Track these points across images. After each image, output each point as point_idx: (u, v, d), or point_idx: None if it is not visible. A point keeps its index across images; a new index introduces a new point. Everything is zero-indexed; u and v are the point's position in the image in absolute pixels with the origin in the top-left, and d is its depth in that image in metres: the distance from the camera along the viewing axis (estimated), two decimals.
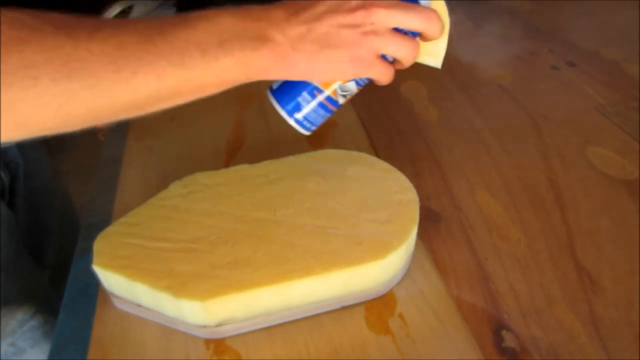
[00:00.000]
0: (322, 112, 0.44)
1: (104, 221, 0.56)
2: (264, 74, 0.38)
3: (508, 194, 0.55)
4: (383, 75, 0.41)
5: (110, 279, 0.45)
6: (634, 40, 0.80)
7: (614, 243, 0.49)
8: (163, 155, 0.66)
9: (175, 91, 0.36)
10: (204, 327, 0.43)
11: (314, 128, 0.45)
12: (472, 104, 0.71)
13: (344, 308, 0.45)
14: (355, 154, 0.55)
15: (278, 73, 0.38)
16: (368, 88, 0.76)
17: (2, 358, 0.66)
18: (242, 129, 0.70)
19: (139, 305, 0.45)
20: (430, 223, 0.53)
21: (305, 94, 0.42)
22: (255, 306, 0.42)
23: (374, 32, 0.37)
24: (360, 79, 0.42)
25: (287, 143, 0.66)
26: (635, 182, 0.55)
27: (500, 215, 0.53)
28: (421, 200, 0.50)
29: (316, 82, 0.42)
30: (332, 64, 0.38)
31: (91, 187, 0.63)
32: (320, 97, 0.43)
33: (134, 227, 0.47)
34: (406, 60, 0.41)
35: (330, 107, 0.44)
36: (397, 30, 0.39)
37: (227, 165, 0.63)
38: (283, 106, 0.43)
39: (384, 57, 0.40)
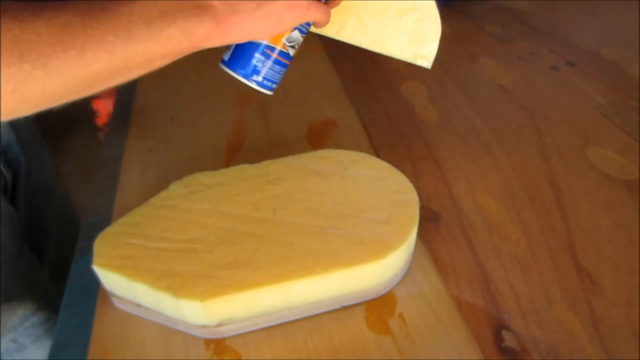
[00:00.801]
0: (278, 68, 0.45)
1: (104, 221, 0.56)
2: (209, 41, 0.39)
3: (508, 194, 0.55)
4: (322, 15, 0.43)
5: (110, 279, 0.45)
6: (634, 40, 0.80)
7: (614, 243, 0.49)
8: (163, 155, 0.66)
9: (126, 65, 0.36)
10: (204, 327, 0.43)
11: (275, 86, 0.46)
12: (472, 104, 0.71)
13: (344, 308, 0.45)
14: (355, 154, 0.55)
15: (223, 38, 0.39)
16: (368, 88, 0.76)
17: (3, 354, 0.66)
18: (242, 129, 0.70)
19: (139, 305, 0.45)
20: (430, 223, 0.53)
21: (257, 55, 0.43)
22: (255, 306, 0.43)
23: None
24: (302, 26, 0.44)
25: (287, 143, 0.66)
26: (635, 182, 0.55)
27: (500, 215, 0.53)
28: (421, 200, 0.50)
29: (264, 40, 0.43)
30: (273, 16, 0.40)
31: (91, 187, 0.63)
32: (274, 54, 0.44)
33: (134, 227, 0.47)
34: None
35: (284, 61, 0.45)
36: None
37: (227, 165, 0.63)
38: (241, 73, 0.44)
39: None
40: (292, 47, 0.45)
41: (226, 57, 0.45)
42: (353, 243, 0.44)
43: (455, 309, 0.44)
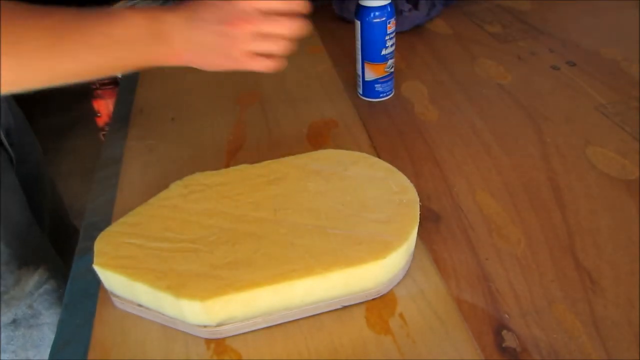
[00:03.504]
0: None
1: (104, 221, 0.56)
2: (164, 63, 0.49)
3: (508, 194, 0.55)
4: (258, 68, 0.51)
5: (110, 279, 0.45)
6: (634, 40, 0.80)
7: (614, 243, 0.49)
8: (163, 155, 0.66)
9: (100, 70, 0.47)
10: (205, 327, 0.43)
11: None
12: (473, 104, 0.71)
13: (345, 308, 0.45)
14: (355, 154, 0.55)
15: (174, 62, 0.50)
16: None
17: (20, 321, 0.68)
18: (243, 129, 0.70)
19: (139, 305, 0.45)
20: (431, 223, 0.53)
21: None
22: (256, 306, 0.43)
23: (244, 42, 0.48)
24: None
25: (287, 143, 0.66)
26: (636, 182, 0.55)
27: (501, 215, 0.53)
28: (421, 200, 0.50)
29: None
30: (216, 60, 0.50)
31: (92, 187, 0.63)
32: None
33: (134, 227, 0.47)
34: (278, 52, 0.50)
35: None
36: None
37: (227, 165, 0.63)
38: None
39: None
40: None
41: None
42: (353, 243, 0.44)
43: (455, 309, 0.44)
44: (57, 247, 0.81)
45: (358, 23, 0.67)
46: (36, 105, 2.16)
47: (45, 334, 0.70)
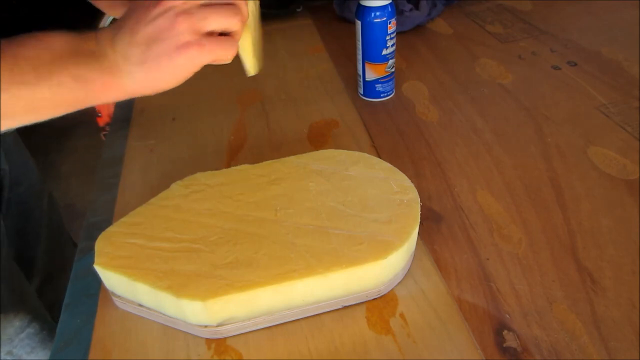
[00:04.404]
0: None
1: (105, 221, 0.56)
2: (106, 92, 0.37)
3: (509, 194, 0.55)
4: (222, 53, 0.38)
5: (111, 279, 0.45)
6: (635, 40, 0.80)
7: (615, 243, 0.49)
8: (164, 155, 0.66)
9: (7, 109, 0.34)
10: (205, 327, 0.43)
11: None
12: (473, 104, 0.71)
13: (345, 308, 0.45)
14: (356, 154, 0.55)
15: (119, 89, 0.38)
16: None
17: None
18: (244, 129, 0.70)
19: (140, 305, 0.45)
20: (432, 223, 0.53)
21: None
22: (257, 306, 0.43)
23: (186, 12, 0.36)
24: None
25: (288, 143, 0.66)
26: (637, 182, 0.55)
27: (502, 215, 0.53)
28: (422, 200, 0.50)
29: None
30: (163, 60, 0.36)
31: (93, 187, 0.63)
32: None
33: (135, 227, 0.47)
34: (236, 28, 0.38)
35: None
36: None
37: (228, 165, 0.63)
38: None
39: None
40: None
41: None
42: (354, 243, 0.44)
43: (456, 309, 0.44)
44: (54, 261, 0.80)
45: (359, 23, 0.67)
46: None
47: None
